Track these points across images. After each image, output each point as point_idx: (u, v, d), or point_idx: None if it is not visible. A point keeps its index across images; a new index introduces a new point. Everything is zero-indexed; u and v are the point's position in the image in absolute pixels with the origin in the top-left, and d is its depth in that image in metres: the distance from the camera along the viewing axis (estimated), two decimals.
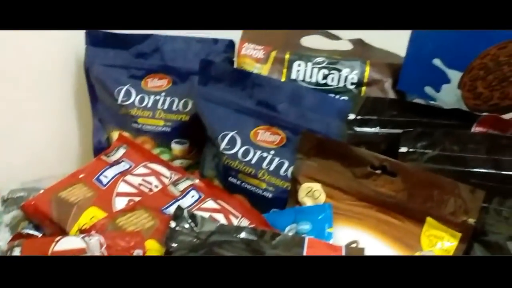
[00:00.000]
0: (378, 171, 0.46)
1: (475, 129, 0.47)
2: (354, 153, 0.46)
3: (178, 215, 0.43)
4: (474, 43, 0.47)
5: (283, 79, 0.53)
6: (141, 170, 0.51)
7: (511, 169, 0.44)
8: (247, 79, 0.51)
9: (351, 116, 0.47)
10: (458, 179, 0.44)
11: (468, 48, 0.48)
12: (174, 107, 0.58)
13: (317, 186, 0.47)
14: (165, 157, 0.57)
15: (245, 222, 0.46)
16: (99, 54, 0.58)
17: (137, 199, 0.47)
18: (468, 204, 0.43)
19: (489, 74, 0.47)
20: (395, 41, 0.53)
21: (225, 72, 0.52)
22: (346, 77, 0.53)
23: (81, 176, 0.49)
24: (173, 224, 0.43)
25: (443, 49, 0.49)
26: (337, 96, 0.53)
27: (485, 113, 0.46)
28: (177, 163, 0.58)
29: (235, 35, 0.57)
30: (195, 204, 0.47)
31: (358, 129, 0.47)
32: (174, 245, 0.41)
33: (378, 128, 0.47)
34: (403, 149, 0.45)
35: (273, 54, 0.54)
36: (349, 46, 0.56)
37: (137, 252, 0.40)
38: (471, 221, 0.43)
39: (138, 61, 0.58)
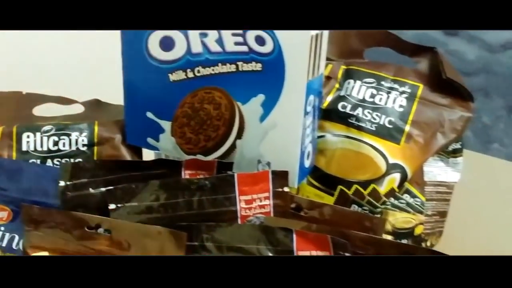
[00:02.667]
0: (99, 230, 0.47)
1: (185, 172, 0.50)
2: (71, 217, 0.47)
3: None
4: (173, 94, 0.51)
5: (14, 153, 0.54)
6: None
7: (211, 207, 0.47)
8: None
9: (62, 183, 0.48)
10: (169, 224, 0.46)
11: (170, 99, 0.51)
12: None
13: (43, 254, 0.48)
14: None
15: None
16: None
17: None
18: (173, 247, 0.46)
19: (190, 120, 0.51)
20: None
21: None
22: (76, 140, 0.55)
23: None
24: None
25: (151, 102, 0.52)
26: (71, 160, 0.54)
27: (187, 158, 0.50)
28: None
29: None
30: None
31: (72, 194, 0.49)
32: None
33: (90, 189, 0.49)
34: (112, 206, 0.47)
35: (1, 129, 0.54)
36: (81, 109, 0.58)
37: None
38: None
39: None
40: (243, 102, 0.48)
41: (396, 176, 0.51)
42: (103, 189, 0.48)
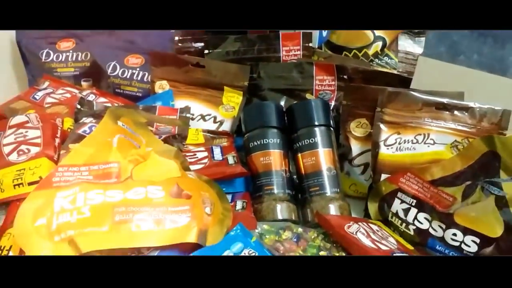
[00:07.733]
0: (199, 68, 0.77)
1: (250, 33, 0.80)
2: (182, 59, 0.77)
3: (81, 102, 0.73)
4: None
5: None
6: (60, 91, 0.80)
7: (265, 53, 0.77)
8: None
9: (176, 38, 0.79)
10: (239, 63, 0.76)
11: None
12: (79, 58, 0.87)
13: (164, 82, 0.78)
14: None
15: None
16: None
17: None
18: (241, 76, 0.75)
19: None
20: None
21: None
22: None
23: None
24: (78, 106, 0.72)
25: None
26: None
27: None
28: None
29: None
30: (93, 100, 0.77)
31: (181, 45, 0.79)
32: (79, 116, 0.71)
33: (192, 43, 0.79)
34: (206, 51, 0.77)
35: None
36: None
37: (58, 121, 0.70)
38: (246, 83, 0.75)
39: None
40: None
41: (379, 44, 0.79)
42: (200, 43, 0.79)
